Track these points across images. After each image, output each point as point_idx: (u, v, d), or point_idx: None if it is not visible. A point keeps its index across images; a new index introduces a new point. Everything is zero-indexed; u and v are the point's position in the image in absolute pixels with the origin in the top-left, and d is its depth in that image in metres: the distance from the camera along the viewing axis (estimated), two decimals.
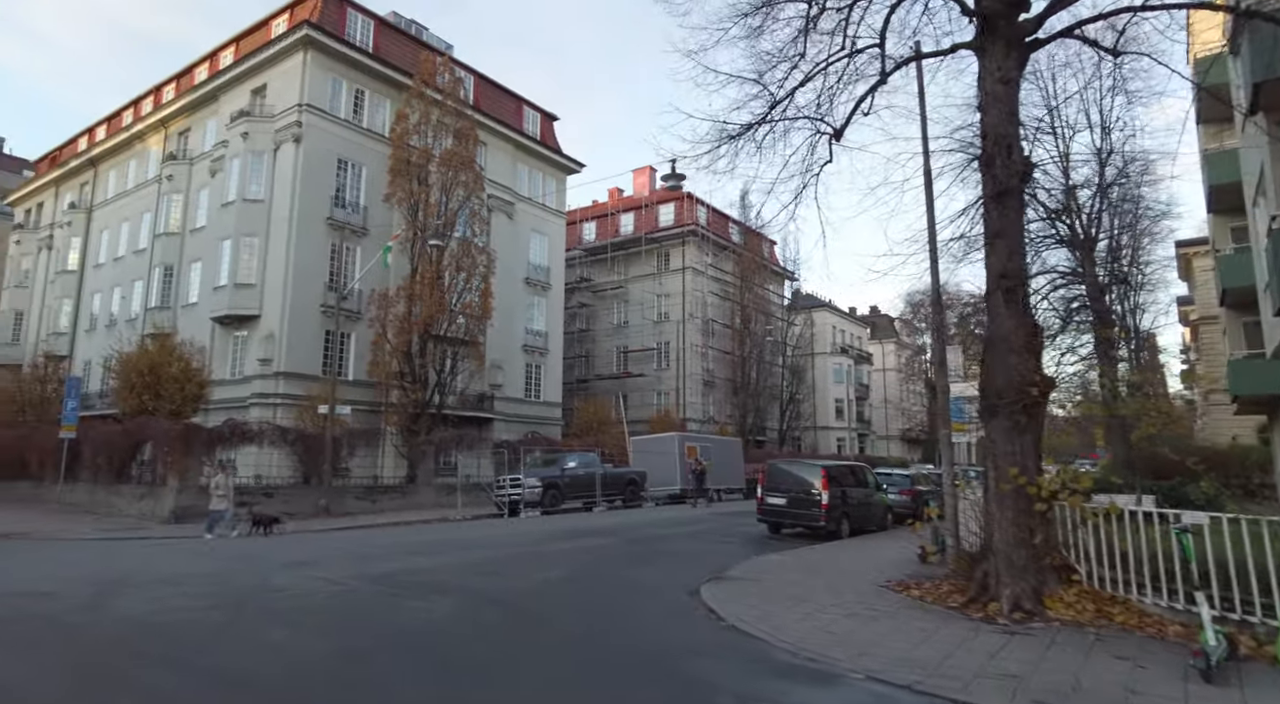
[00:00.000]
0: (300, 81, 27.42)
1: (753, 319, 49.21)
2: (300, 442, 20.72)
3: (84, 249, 38.01)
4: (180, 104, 32.82)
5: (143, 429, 19.63)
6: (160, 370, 22.45)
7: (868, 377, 72.29)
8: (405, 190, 27.66)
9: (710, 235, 47.53)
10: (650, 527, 17.80)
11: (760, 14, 9.72)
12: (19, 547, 13.73)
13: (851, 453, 63.64)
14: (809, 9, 9.70)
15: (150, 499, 18.69)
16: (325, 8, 28.36)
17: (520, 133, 35.92)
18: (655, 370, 46.94)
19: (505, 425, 32.86)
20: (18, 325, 41.52)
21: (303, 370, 26.38)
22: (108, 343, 34.92)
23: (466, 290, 27.65)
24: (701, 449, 28.19)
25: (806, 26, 9.75)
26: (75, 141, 42.75)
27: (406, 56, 31.14)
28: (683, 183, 15.32)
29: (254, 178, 27.82)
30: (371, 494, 22.34)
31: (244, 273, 27.21)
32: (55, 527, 16.66)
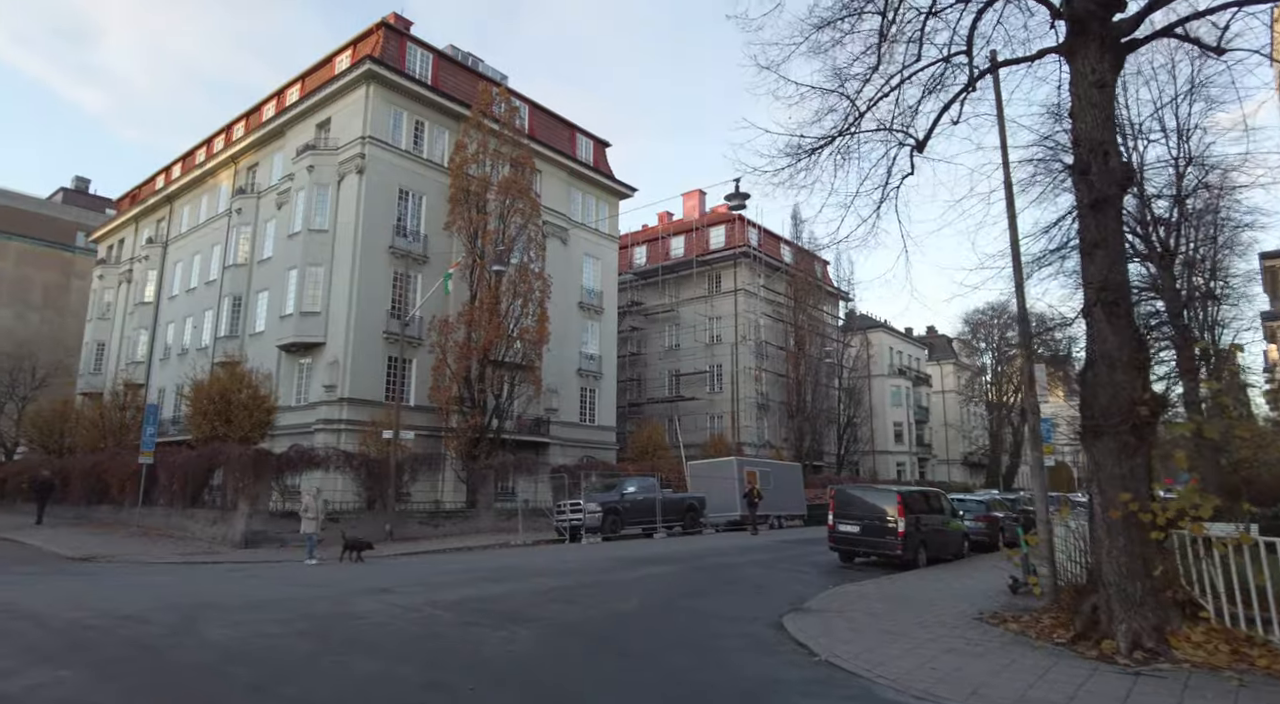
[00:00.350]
0: (363, 115, 28.29)
1: (807, 341, 48.49)
2: (365, 466, 20.96)
3: (160, 281, 39.74)
4: (249, 141, 34.22)
5: (215, 455, 20.13)
6: (230, 397, 23.09)
7: (926, 399, 70.39)
8: (465, 218, 28.17)
9: (762, 256, 47.20)
10: (715, 554, 17.37)
11: (832, 28, 9.52)
12: (105, 570, 14.09)
13: (912, 478, 61.83)
14: (883, 21, 9.48)
15: (222, 524, 19.09)
16: (386, 43, 29.31)
17: (574, 159, 36.37)
18: (708, 394, 46.52)
19: (561, 450, 32.88)
20: (99, 355, 43.53)
21: (366, 396, 26.86)
22: (180, 371, 36.28)
23: (524, 316, 27.86)
24: (761, 474, 27.59)
25: (881, 38, 9.52)
26: (153, 180, 44.98)
27: (464, 88, 31.92)
28: (748, 202, 14.96)
29: (319, 209, 28.71)
30: (434, 519, 22.43)
31: (309, 301, 27.97)
32: (136, 550, 17.12)
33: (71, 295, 54.10)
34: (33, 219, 54.18)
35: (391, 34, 29.77)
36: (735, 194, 14.35)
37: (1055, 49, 8.46)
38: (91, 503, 25.54)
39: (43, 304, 53.00)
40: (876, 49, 9.54)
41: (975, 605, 10.42)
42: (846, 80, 9.44)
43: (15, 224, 52.72)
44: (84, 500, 25.85)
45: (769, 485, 28.05)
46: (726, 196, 14.40)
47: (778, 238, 51.41)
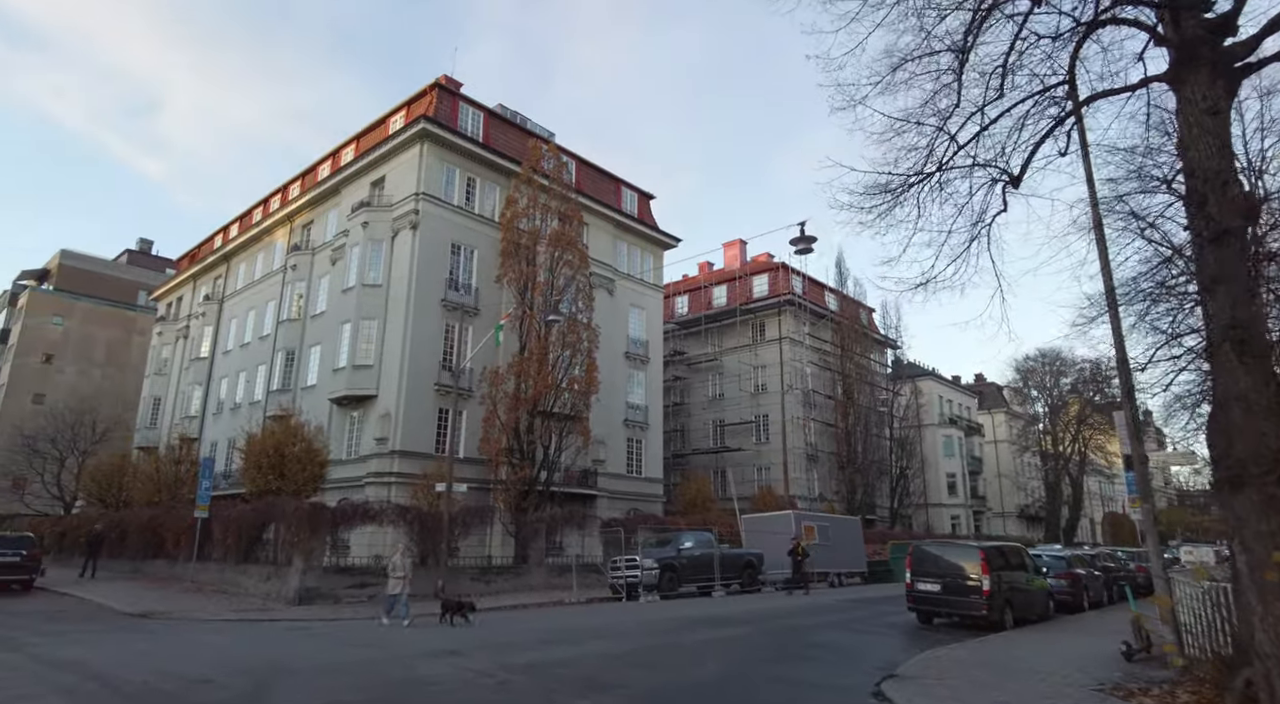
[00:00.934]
0: (417, 172, 29.00)
1: (855, 390, 47.47)
2: (418, 520, 20.63)
3: (215, 337, 40.75)
4: (305, 199, 35.31)
5: (269, 509, 20.03)
6: (284, 450, 23.15)
7: (979, 449, 68.10)
8: (515, 271, 28.39)
9: (807, 304, 46.71)
10: (784, 615, 16.49)
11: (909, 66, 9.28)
12: (163, 627, 13.85)
13: (967, 532, 59.34)
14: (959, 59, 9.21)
15: (275, 580, 18.83)
16: (439, 103, 30.21)
17: (619, 211, 36.74)
18: (754, 444, 45.56)
19: (608, 502, 32.24)
20: (156, 410, 44.53)
21: (417, 449, 26.75)
22: (233, 425, 36.87)
23: (573, 366, 27.71)
24: (819, 529, 26.61)
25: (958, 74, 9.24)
26: (211, 240, 46.64)
27: (513, 144, 32.65)
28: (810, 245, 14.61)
29: (373, 264, 29.24)
30: (485, 575, 21.91)
31: (362, 354, 28.23)
32: (191, 606, 16.91)
33: (132, 352, 55.85)
34: (99, 280, 56.54)
35: (444, 94, 30.73)
36: (801, 238, 14.05)
37: (1159, 77, 8.08)
38: (147, 557, 25.60)
39: (105, 361, 54.78)
40: (957, 86, 9.27)
41: (1089, 674, 9.53)
42: (926, 119, 9.14)
43: (84, 285, 55.04)
44: (140, 554, 25.93)
45: (827, 541, 27.00)
46: (792, 240, 14.10)
47: (822, 285, 50.97)
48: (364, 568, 19.33)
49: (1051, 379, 65.87)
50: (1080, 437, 63.38)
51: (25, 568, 20.13)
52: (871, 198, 8.53)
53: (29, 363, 51.49)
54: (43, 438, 41.30)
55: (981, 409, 72.96)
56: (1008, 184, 8.73)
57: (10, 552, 19.77)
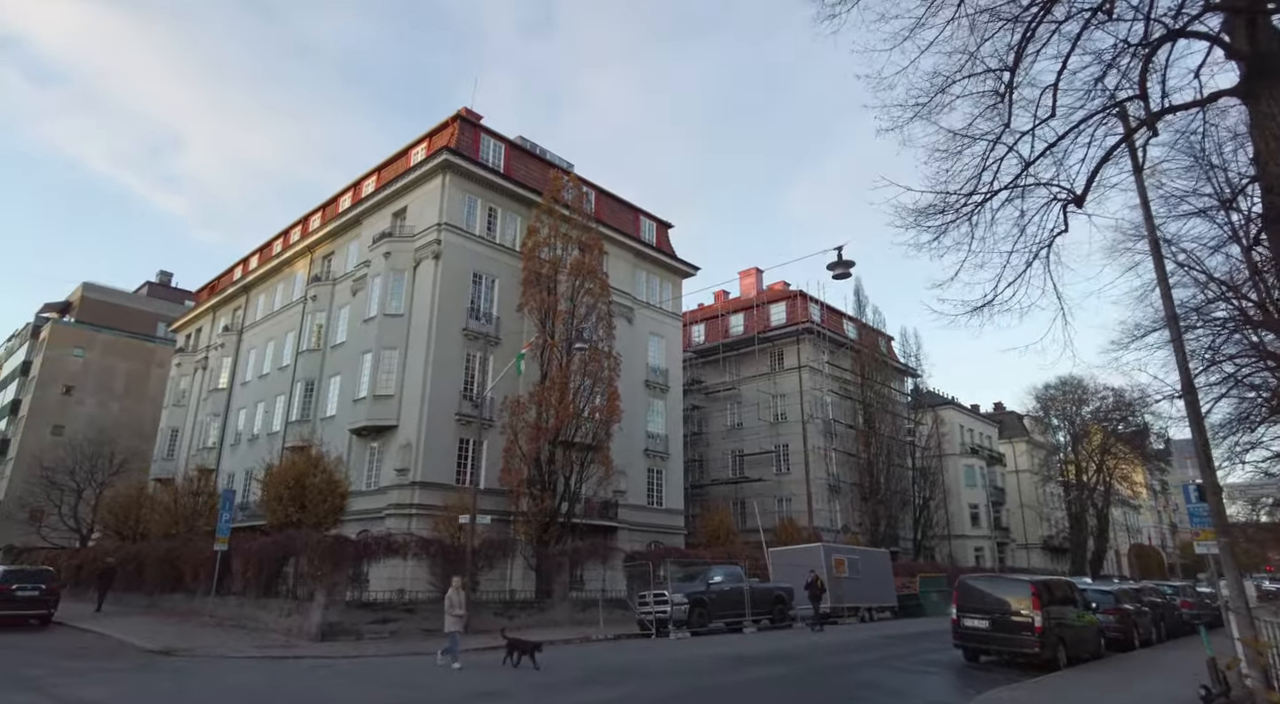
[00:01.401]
0: (439, 202, 29.09)
1: (877, 419, 46.80)
2: (441, 553, 20.18)
3: (233, 368, 40.75)
4: (326, 230, 35.50)
5: (291, 542, 19.65)
6: (305, 481, 22.84)
7: (1001, 479, 66.84)
8: (537, 300, 28.27)
9: (826, 332, 46.33)
10: (822, 652, 15.86)
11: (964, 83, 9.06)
12: (186, 665, 13.42)
13: (992, 563, 58.00)
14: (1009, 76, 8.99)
15: (297, 615, 18.38)
16: (461, 135, 30.43)
17: (638, 240, 36.71)
18: (775, 475, 44.84)
19: (629, 534, 31.63)
20: (173, 441, 44.44)
21: (438, 479, 26.38)
22: (252, 456, 36.66)
23: (595, 394, 27.40)
24: (849, 562, 25.92)
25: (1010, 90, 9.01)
26: (231, 272, 46.97)
27: (533, 175, 32.80)
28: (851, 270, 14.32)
29: (394, 294, 29.20)
30: (508, 610, 21.35)
31: (383, 385, 28.04)
32: (212, 642, 16.47)
33: (150, 384, 56.08)
34: (120, 312, 57.05)
35: (466, 126, 30.97)
36: (839, 262, 13.78)
37: (1231, 92, 7.81)
38: (164, 590, 25.20)
39: (124, 392, 54.99)
40: (1008, 104, 9.03)
41: None
42: (983, 136, 8.89)
43: (105, 317, 55.51)
44: (157, 588, 25.53)
45: (856, 574, 26.29)
46: (829, 265, 13.82)
47: (840, 313, 50.62)
48: (386, 603, 18.86)
49: (1073, 407, 64.85)
50: (1105, 467, 62.19)
51: (44, 602, 19.79)
52: (929, 218, 8.25)
53: (49, 394, 51.76)
54: (61, 469, 41.24)
55: (1002, 438, 71.86)
56: (1069, 203, 8.42)
57: (29, 586, 19.44)
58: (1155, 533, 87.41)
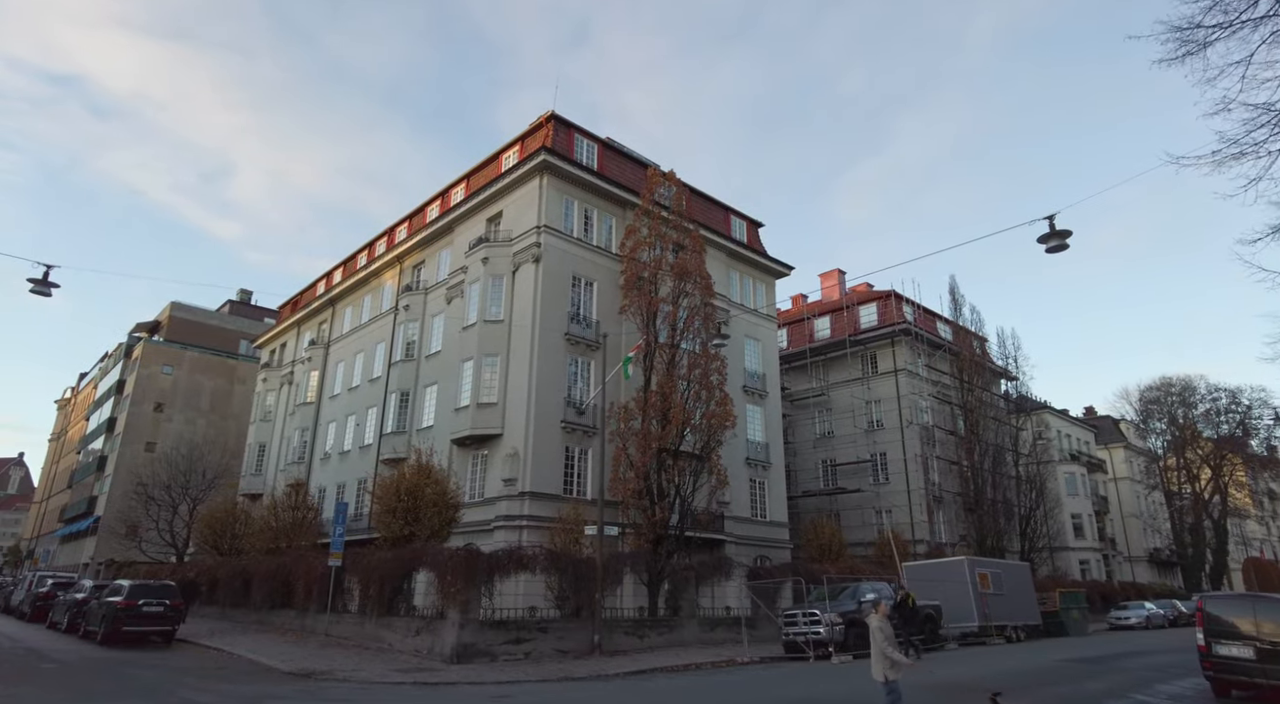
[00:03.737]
0: (538, 204, 28.21)
1: (979, 425, 44.14)
2: (571, 568, 18.91)
3: (321, 382, 40.65)
4: (415, 240, 35.07)
5: (417, 556, 18.66)
6: (418, 493, 21.92)
7: (1103, 487, 62.89)
8: (639, 302, 27.04)
9: (923, 334, 44.05)
10: (1029, 677, 13.96)
11: None
12: (343, 691, 12.34)
13: (1098, 577, 54.28)
14: None
15: (427, 634, 17.31)
16: (556, 135, 29.57)
17: (730, 239, 35.29)
18: (872, 485, 42.65)
19: (735, 548, 29.99)
20: (261, 457, 44.62)
21: (546, 490, 25.28)
22: (343, 469, 36.32)
23: (707, 400, 25.96)
24: (993, 576, 23.78)
25: None
26: (314, 287, 47.22)
27: (625, 175, 31.77)
28: (1069, 240, 12.61)
29: (493, 300, 28.37)
30: (639, 629, 19.97)
31: (486, 392, 27.15)
32: (347, 664, 15.45)
33: (234, 401, 56.91)
34: (205, 330, 58.19)
35: (560, 127, 30.11)
36: (1052, 233, 12.06)
37: None
38: (273, 606, 24.56)
39: (209, 409, 55.90)
40: None
41: None
42: None
43: (191, 335, 56.66)
44: (265, 604, 24.94)
45: (1000, 590, 24.12)
46: (1041, 238, 12.12)
47: (933, 314, 48.22)
48: (519, 621, 17.64)
49: (1183, 410, 60.65)
50: (1221, 474, 57.88)
51: (169, 619, 19.19)
52: None
53: (142, 412, 52.85)
54: (157, 485, 41.67)
55: (1098, 444, 67.79)
56: None
57: (155, 601, 18.85)
58: (1269, 546, 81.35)
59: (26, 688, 11.19)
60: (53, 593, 26.36)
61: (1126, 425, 70.22)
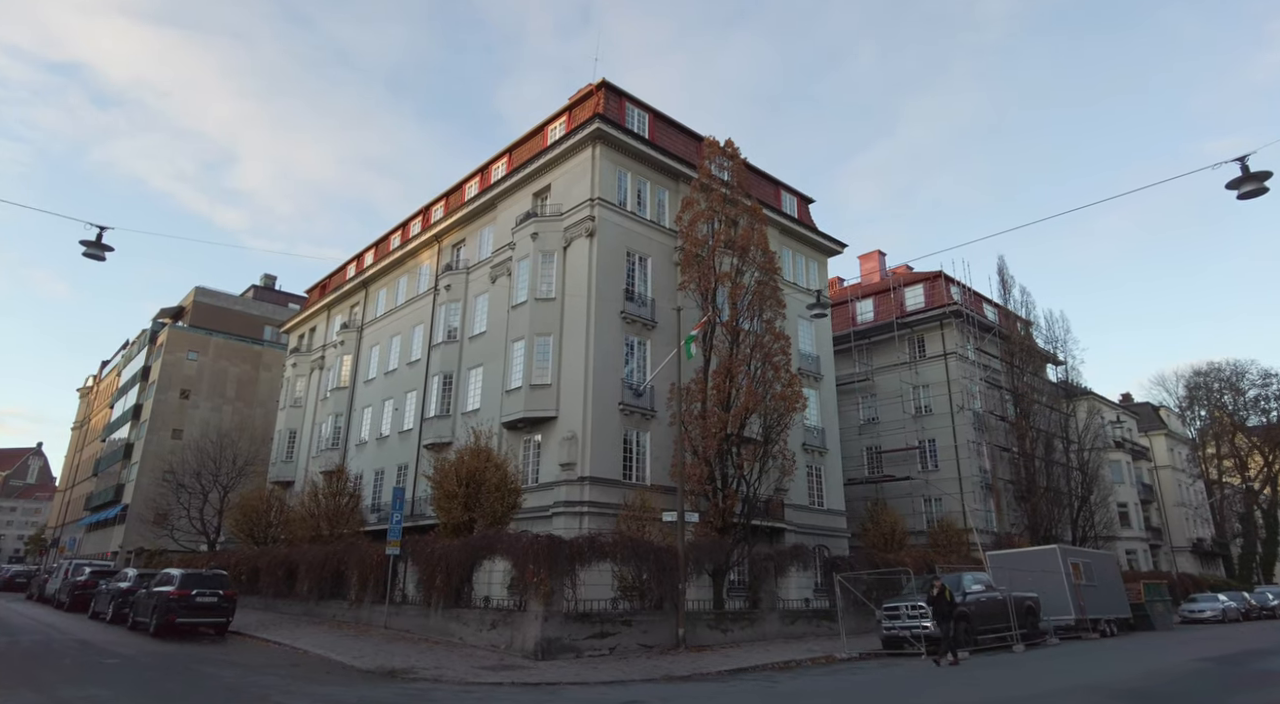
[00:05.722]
0: (590, 176, 26.80)
1: (1031, 411, 42.57)
2: (653, 557, 17.61)
3: (355, 366, 39.47)
4: (455, 218, 33.71)
5: (489, 543, 17.41)
6: (479, 478, 20.67)
7: (1148, 475, 61.19)
8: (697, 278, 25.65)
9: (974, 316, 42.44)
10: (1189, 681, 12.57)
11: None
12: (448, 695, 11.08)
13: (1147, 568, 52.74)
14: None
15: (505, 628, 16.07)
16: (608, 104, 28.11)
17: (781, 214, 33.76)
18: (921, 473, 41.18)
19: (796, 537, 28.65)
20: (292, 443, 43.56)
21: (605, 475, 23.99)
22: (381, 455, 35.16)
23: (773, 380, 24.59)
24: (1084, 566, 22.38)
25: None
26: (343, 270, 45.99)
27: (677, 146, 30.32)
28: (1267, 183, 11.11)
29: (544, 277, 27.03)
30: (721, 622, 18.70)
31: (538, 374, 25.85)
32: (425, 661, 14.21)
33: (259, 387, 55.92)
34: (228, 315, 57.17)
35: (612, 94, 28.64)
36: (1246, 176, 10.57)
37: None
38: (322, 597, 23.43)
39: (235, 396, 54.95)
40: None
41: None
42: None
43: (215, 321, 55.66)
44: (313, 595, 23.80)
45: (1091, 581, 22.70)
46: (1230, 183, 10.64)
47: (980, 297, 46.55)
48: (601, 614, 16.38)
49: (1231, 396, 58.86)
50: (1272, 461, 56.12)
51: (222, 610, 18.05)
52: None
53: (168, 399, 51.94)
54: (186, 472, 40.74)
55: (1140, 431, 66.03)
56: None
57: (208, 591, 17.70)
58: None
59: (99, 689, 9.99)
60: (93, 582, 25.35)
61: (1167, 412, 68.45)
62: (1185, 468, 65.71)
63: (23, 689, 9.60)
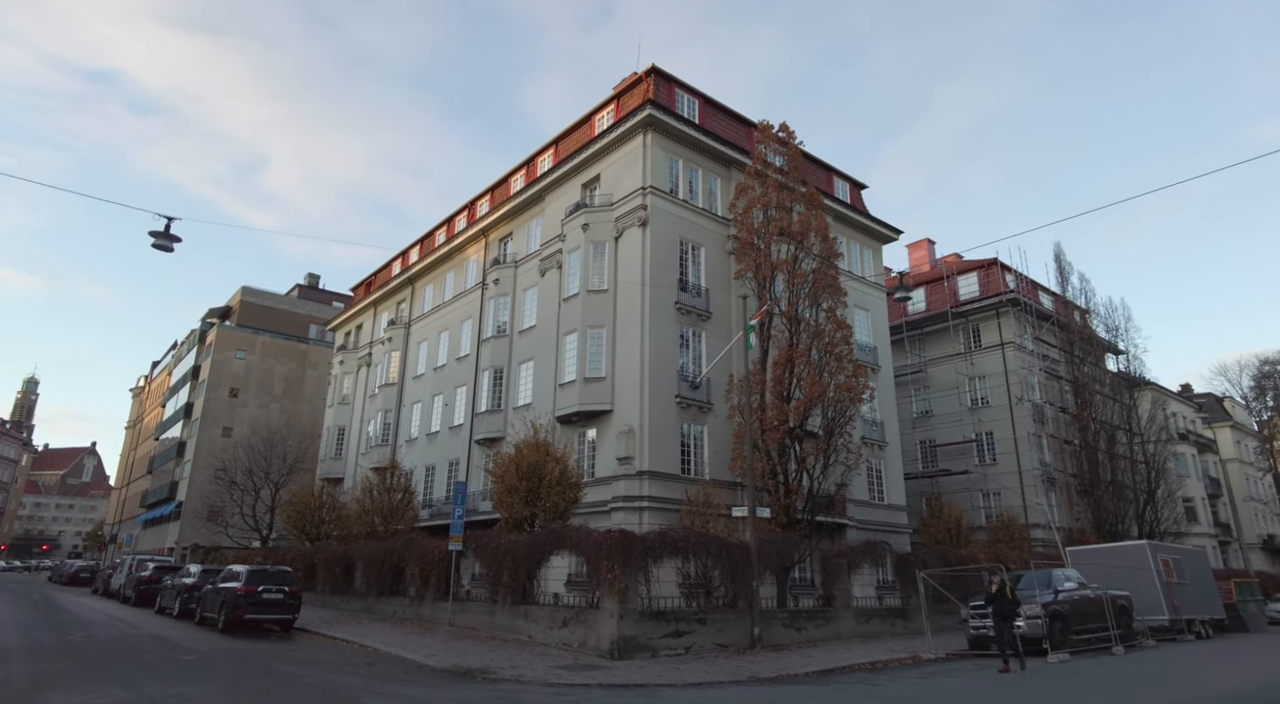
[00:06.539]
0: (642, 164, 26.22)
1: (1093, 402, 40.96)
2: (725, 553, 16.98)
3: (403, 362, 39.47)
4: (501, 212, 33.40)
5: (558, 538, 16.98)
6: (540, 473, 20.25)
7: (1216, 469, 58.73)
8: (755, 266, 24.89)
9: (1032, 304, 40.97)
10: None
11: None
12: (541, 699, 10.61)
13: (1217, 566, 50.54)
14: None
15: (577, 626, 15.59)
16: (658, 90, 27.48)
17: (834, 199, 32.79)
18: (978, 466, 39.86)
19: (857, 533, 27.79)
20: (340, 440, 43.81)
21: (663, 469, 23.42)
22: (432, 451, 35.06)
23: (836, 371, 23.76)
24: (1174, 563, 21.19)
25: None
26: (388, 267, 46.10)
27: (728, 132, 29.58)
28: None
29: (595, 269, 26.54)
30: (795, 621, 18.00)
31: (592, 367, 25.38)
32: (500, 661, 13.79)
33: (306, 385, 56.48)
34: (274, 314, 57.84)
35: (661, 80, 28.00)
36: None
37: None
38: (381, 593, 23.26)
39: (282, 394, 55.57)
40: None
41: None
42: None
43: (262, 320, 56.34)
44: (372, 591, 23.66)
45: (1183, 579, 21.48)
46: None
47: (1036, 285, 44.93)
48: (675, 612, 15.81)
49: None
50: None
51: (289, 606, 17.90)
52: None
53: (218, 397, 52.71)
54: (238, 469, 41.18)
55: (1203, 423, 63.41)
56: None
57: (274, 588, 17.55)
58: None
59: (186, 687, 9.72)
60: (156, 577, 25.57)
61: (1231, 403, 65.69)
62: (1254, 461, 62.98)
63: (113, 687, 9.36)
